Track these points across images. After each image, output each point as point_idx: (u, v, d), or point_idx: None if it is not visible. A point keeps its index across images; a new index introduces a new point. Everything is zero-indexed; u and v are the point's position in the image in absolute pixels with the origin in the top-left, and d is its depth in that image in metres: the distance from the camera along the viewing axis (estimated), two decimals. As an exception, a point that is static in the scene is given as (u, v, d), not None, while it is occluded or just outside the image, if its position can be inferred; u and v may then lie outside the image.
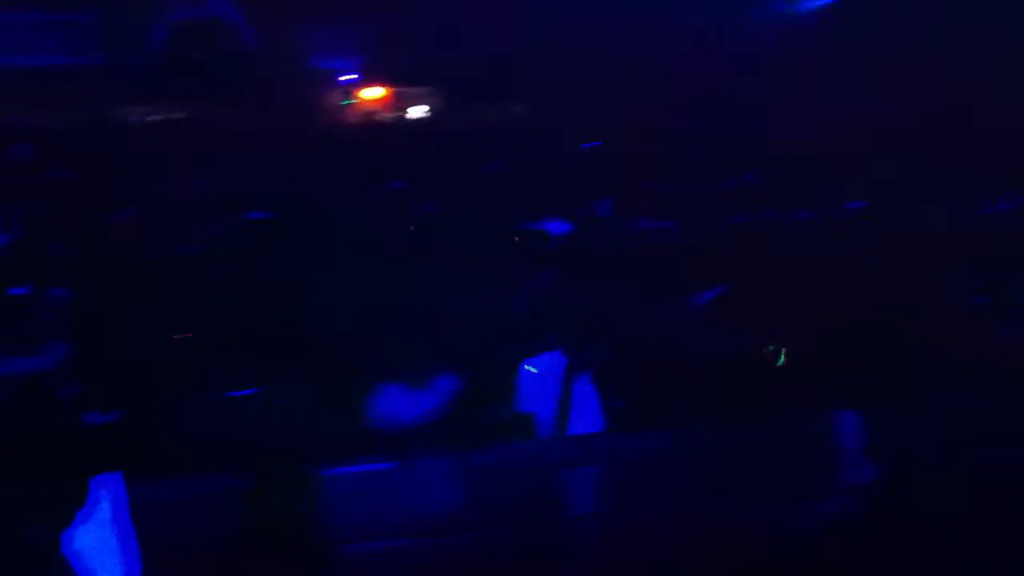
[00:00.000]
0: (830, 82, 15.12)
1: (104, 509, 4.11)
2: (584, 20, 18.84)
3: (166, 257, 7.66)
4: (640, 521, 4.79)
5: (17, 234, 8.23)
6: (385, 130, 18.70)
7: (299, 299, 6.46)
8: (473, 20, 19.08)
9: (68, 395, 5.10)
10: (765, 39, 16.42)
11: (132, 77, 17.89)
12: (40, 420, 4.90)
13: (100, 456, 4.51)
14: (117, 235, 8.27)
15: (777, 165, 12.11)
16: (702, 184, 11.56)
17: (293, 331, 5.71)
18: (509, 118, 20.34)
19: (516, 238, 7.76)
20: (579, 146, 15.71)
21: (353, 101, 20.54)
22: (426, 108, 20.93)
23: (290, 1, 17.91)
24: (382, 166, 12.68)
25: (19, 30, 17.94)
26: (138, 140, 16.34)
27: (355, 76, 20.04)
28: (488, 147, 14.68)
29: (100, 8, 17.78)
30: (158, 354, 5.45)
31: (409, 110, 20.93)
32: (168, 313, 6.11)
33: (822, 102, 15.16)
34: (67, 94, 18.06)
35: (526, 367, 5.08)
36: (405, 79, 20.61)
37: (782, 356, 6.00)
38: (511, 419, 5.07)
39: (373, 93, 20.71)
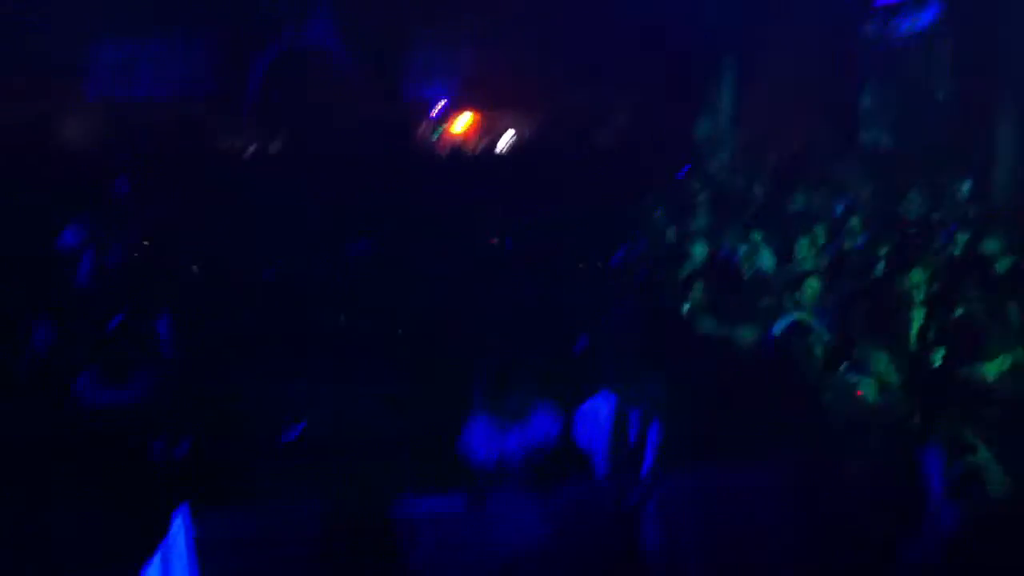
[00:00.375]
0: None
1: (179, 541, 4.17)
2: (680, 52, 18.87)
3: (264, 283, 7.79)
4: (710, 559, 4.67)
5: (119, 260, 8.49)
6: (474, 156, 18.83)
7: (394, 328, 6.53)
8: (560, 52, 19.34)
9: (156, 426, 5.22)
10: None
11: (234, 106, 18.47)
12: (129, 450, 5.00)
13: (180, 488, 4.60)
14: (218, 262, 8.48)
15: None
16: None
17: (388, 360, 5.75)
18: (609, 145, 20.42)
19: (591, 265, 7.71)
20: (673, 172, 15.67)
21: (446, 127, 20.88)
22: (513, 135, 21.18)
23: (389, 31, 18.28)
24: (470, 190, 12.81)
25: (124, 62, 18.68)
26: (240, 167, 16.76)
27: (448, 103, 20.38)
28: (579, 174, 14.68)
29: (203, 40, 18.36)
30: (243, 385, 5.54)
31: (497, 136, 21.18)
32: (261, 340, 6.21)
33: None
34: (170, 124, 18.74)
35: (589, 406, 5.03)
36: (496, 106, 20.87)
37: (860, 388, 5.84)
38: (577, 457, 5.02)
39: (465, 119, 21.04)
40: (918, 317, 6.79)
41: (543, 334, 6.31)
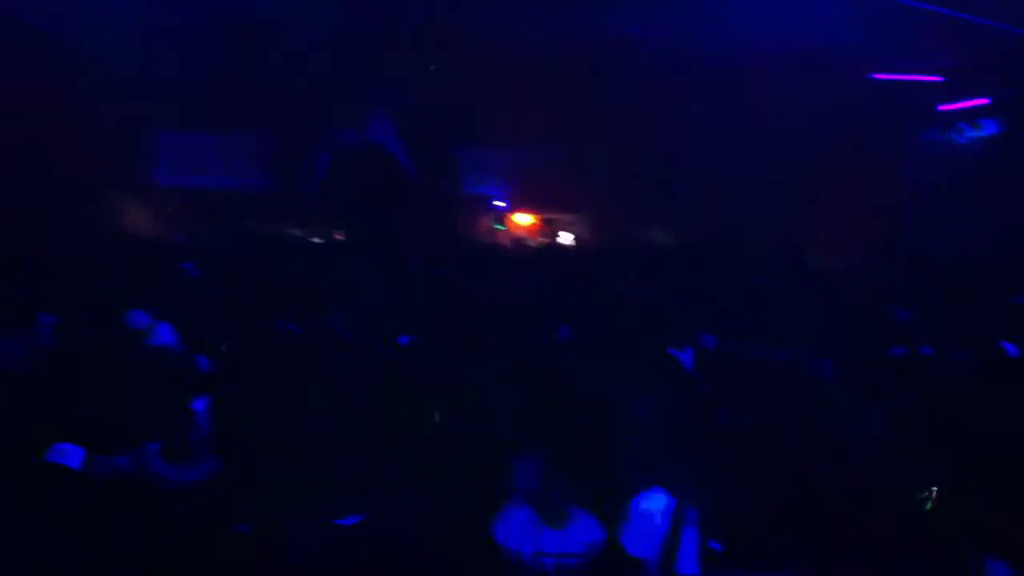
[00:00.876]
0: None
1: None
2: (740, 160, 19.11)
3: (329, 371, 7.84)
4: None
5: (178, 346, 8.64)
6: (534, 253, 19.01)
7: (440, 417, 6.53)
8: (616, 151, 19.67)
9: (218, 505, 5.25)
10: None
11: (295, 199, 18.93)
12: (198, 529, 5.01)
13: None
14: (274, 350, 8.60)
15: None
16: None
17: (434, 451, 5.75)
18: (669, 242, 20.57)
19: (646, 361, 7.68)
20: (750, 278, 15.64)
21: (504, 226, 21.19)
22: (572, 235, 21.48)
23: (448, 131, 18.71)
24: (530, 287, 12.87)
25: (189, 152, 19.31)
26: (297, 260, 17.05)
27: (506, 202, 20.72)
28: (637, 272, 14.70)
29: (267, 133, 18.94)
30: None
31: (556, 235, 21.46)
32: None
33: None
34: (232, 214, 19.26)
35: (642, 504, 4.97)
36: (553, 206, 21.22)
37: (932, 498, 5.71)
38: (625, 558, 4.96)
39: (523, 219, 21.38)
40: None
41: (594, 430, 6.27)
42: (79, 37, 13.60)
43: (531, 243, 20.60)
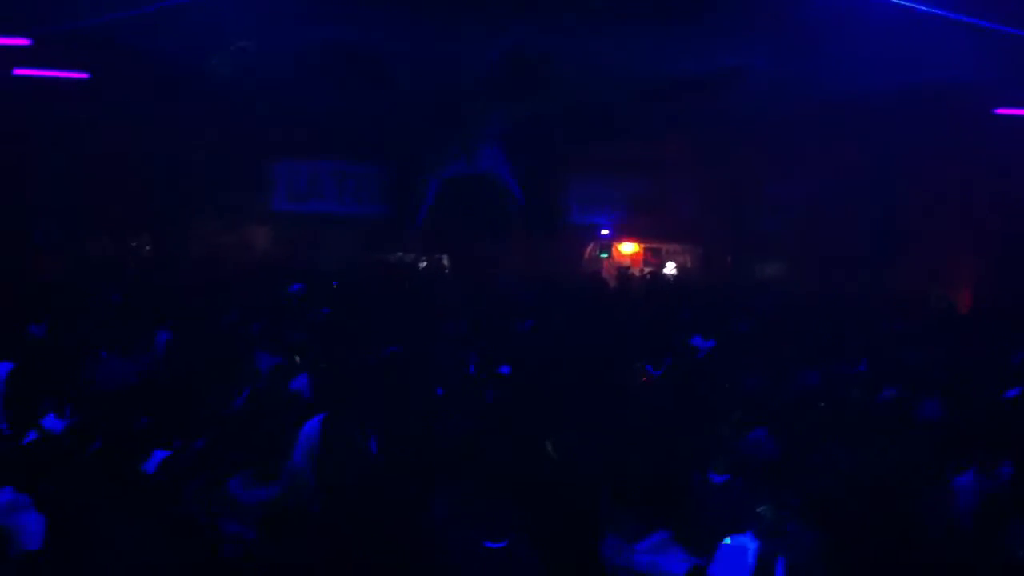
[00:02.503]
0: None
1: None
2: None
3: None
4: None
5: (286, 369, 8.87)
6: (637, 282, 18.98)
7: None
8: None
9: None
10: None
11: (409, 225, 19.33)
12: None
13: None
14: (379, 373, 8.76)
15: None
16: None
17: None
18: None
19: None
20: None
21: (608, 254, 21.24)
22: (674, 264, 21.43)
23: (556, 162, 18.87)
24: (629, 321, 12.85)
25: (307, 178, 19.95)
26: (410, 284, 17.36)
27: (610, 231, 20.78)
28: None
29: (383, 162, 19.40)
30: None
31: (661, 264, 21.43)
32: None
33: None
34: (352, 237, 19.76)
35: (732, 546, 4.90)
36: (656, 236, 21.21)
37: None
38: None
39: (627, 247, 21.40)
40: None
41: (688, 465, 6.23)
42: (213, 69, 14.20)
43: (635, 272, 20.56)
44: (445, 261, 20.62)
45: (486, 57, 12.48)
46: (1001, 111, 13.53)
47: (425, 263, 20.65)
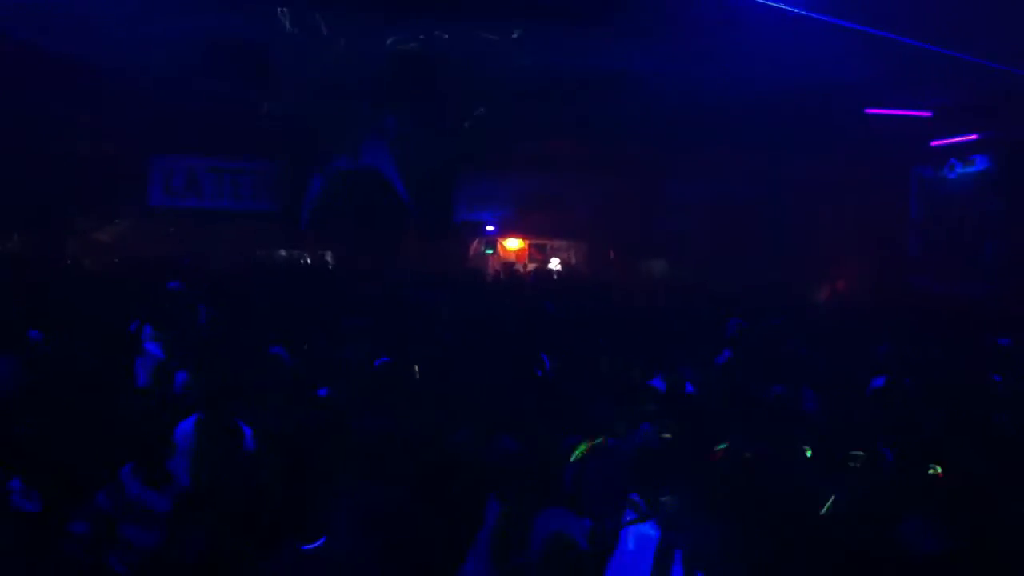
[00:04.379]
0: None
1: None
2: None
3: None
4: None
5: (167, 366, 8.60)
6: (521, 278, 19.09)
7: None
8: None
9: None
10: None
11: (293, 221, 19.01)
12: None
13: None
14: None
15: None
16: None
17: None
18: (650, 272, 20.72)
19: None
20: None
21: (493, 250, 21.37)
22: (559, 261, 21.69)
23: (445, 159, 18.82)
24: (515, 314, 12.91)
25: (185, 175, 19.48)
26: (295, 279, 17.10)
27: (495, 228, 20.89)
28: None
29: (266, 157, 19.07)
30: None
31: (545, 261, 21.65)
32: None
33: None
34: (234, 234, 19.35)
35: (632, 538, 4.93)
36: (542, 233, 21.43)
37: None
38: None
39: (512, 243, 21.56)
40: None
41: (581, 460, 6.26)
42: (91, 60, 13.66)
43: (519, 268, 20.73)
44: (329, 258, 20.41)
45: (374, 52, 12.33)
46: (871, 111, 14.10)
47: (309, 260, 20.39)
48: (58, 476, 5.31)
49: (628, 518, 5.08)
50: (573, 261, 21.86)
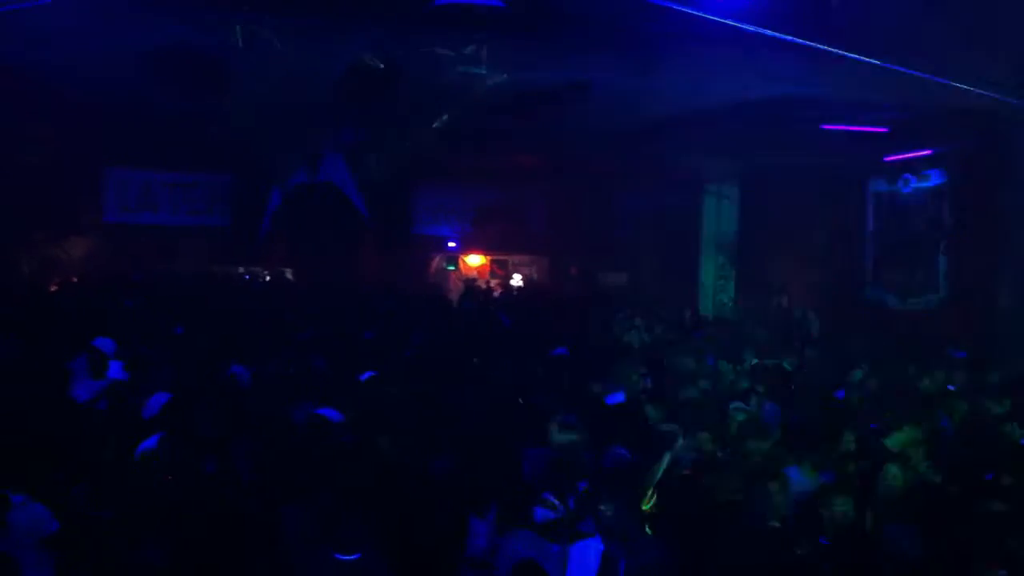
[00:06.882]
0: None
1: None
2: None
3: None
4: None
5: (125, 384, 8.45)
6: (480, 292, 19.06)
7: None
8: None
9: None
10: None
11: (251, 235, 18.83)
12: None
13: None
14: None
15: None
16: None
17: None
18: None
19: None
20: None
21: (455, 266, 21.34)
22: (520, 275, 21.72)
23: (402, 172, 18.73)
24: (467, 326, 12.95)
25: (139, 189, 19.25)
26: (252, 294, 16.96)
27: (456, 243, 20.88)
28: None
29: (224, 171, 18.90)
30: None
31: (507, 276, 21.66)
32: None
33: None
34: (190, 249, 19.16)
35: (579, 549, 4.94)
36: (502, 248, 21.45)
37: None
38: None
39: (474, 260, 21.54)
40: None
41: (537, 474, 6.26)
42: (36, 70, 13.43)
43: (481, 283, 20.70)
44: (289, 273, 20.25)
45: (330, 65, 12.26)
46: (827, 126, 14.24)
47: (268, 275, 20.23)
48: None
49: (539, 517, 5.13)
50: (535, 276, 21.91)
